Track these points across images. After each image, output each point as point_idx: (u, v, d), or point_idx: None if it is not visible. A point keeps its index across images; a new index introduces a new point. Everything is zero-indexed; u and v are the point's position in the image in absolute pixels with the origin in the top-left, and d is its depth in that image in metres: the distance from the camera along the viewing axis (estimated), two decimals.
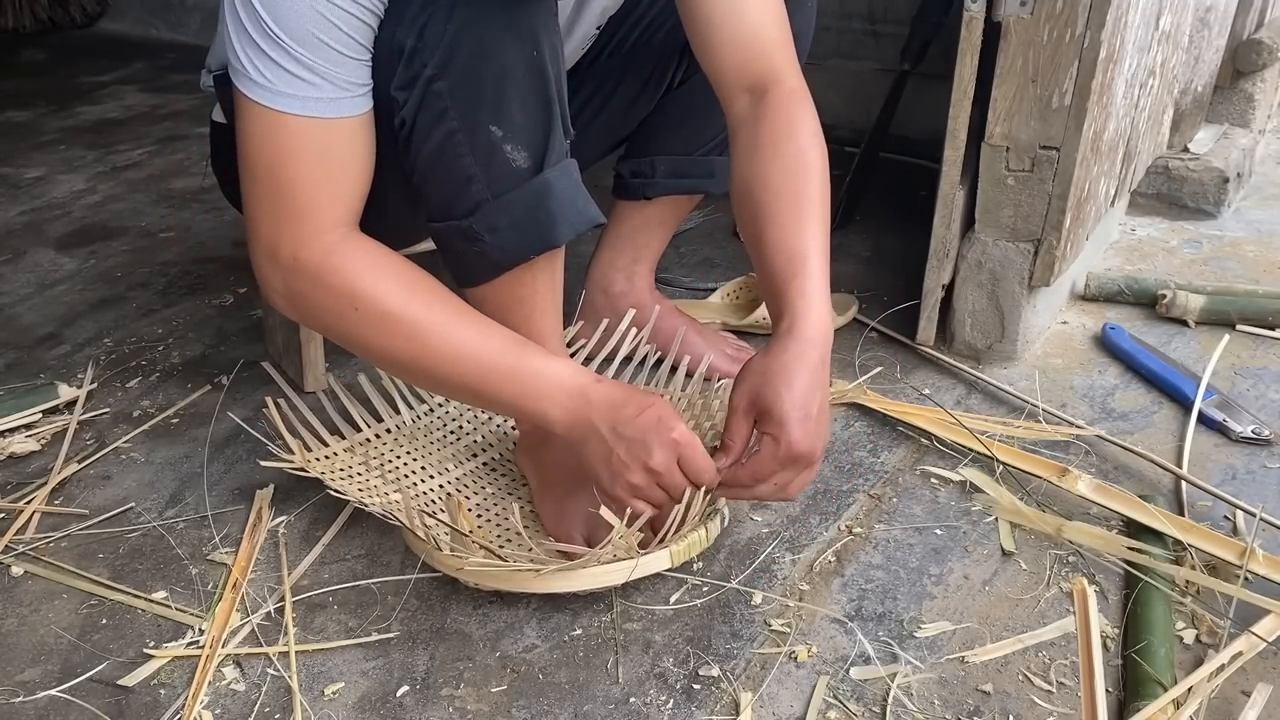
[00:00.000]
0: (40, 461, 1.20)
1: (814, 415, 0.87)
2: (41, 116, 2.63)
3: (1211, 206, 1.75)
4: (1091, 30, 1.14)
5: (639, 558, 0.91)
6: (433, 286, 0.89)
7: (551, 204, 0.91)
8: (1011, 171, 1.25)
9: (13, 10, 3.58)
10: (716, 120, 1.18)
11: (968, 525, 1.06)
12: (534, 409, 0.90)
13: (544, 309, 0.99)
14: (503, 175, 0.89)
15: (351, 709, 0.87)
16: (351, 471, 1.09)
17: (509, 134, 0.88)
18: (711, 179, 1.27)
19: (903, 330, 1.40)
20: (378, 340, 0.88)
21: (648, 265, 1.35)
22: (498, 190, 0.90)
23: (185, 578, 1.02)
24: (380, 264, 0.87)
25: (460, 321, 0.88)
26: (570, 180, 0.93)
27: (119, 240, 1.84)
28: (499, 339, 0.90)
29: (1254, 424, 1.18)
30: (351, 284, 0.86)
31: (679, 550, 0.93)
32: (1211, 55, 1.78)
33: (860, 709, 0.85)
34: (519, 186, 0.90)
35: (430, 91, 0.85)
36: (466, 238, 0.92)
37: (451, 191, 0.91)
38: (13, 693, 0.89)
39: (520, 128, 0.88)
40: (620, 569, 0.91)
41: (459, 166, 0.88)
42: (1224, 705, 0.84)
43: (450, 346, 0.88)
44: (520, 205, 0.90)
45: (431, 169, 0.90)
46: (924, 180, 1.54)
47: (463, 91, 0.85)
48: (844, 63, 2.18)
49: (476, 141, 0.87)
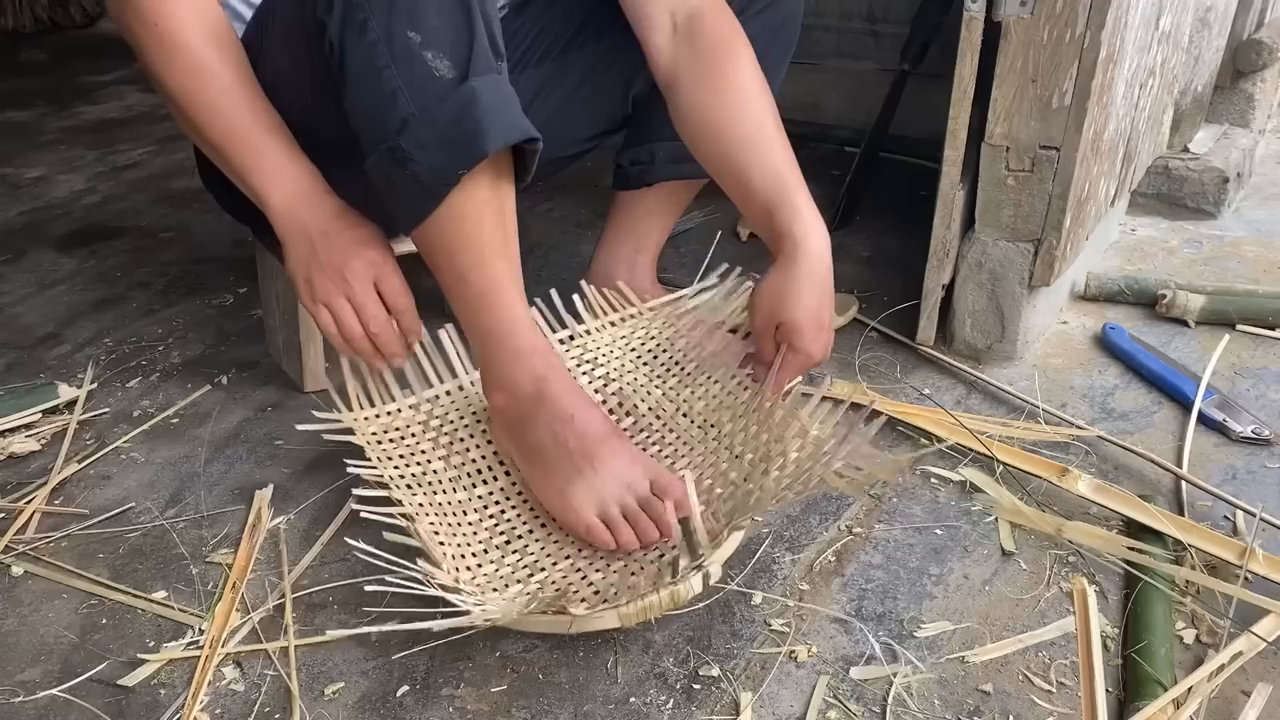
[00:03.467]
0: (40, 461, 1.20)
1: (826, 325, 1.00)
2: (41, 116, 2.63)
3: (1211, 206, 1.75)
4: (1091, 30, 1.14)
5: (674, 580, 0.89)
6: (237, 50, 0.98)
7: (477, 113, 0.87)
8: (1011, 171, 1.25)
9: (13, 10, 3.58)
10: None
11: (968, 525, 1.06)
12: (259, 187, 0.97)
13: (494, 249, 0.93)
14: (425, 86, 0.87)
15: (351, 709, 0.87)
16: (406, 433, 1.10)
17: (427, 40, 0.87)
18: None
19: (903, 330, 1.40)
20: (162, 68, 0.96)
21: (649, 255, 1.35)
22: (423, 103, 0.87)
23: (185, 578, 1.02)
24: (206, 11, 0.97)
25: (237, 82, 0.97)
26: (499, 92, 0.89)
27: (119, 240, 1.84)
28: (262, 113, 0.98)
29: (1254, 424, 1.18)
30: (169, 6, 0.95)
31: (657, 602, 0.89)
32: (1211, 55, 1.78)
33: (860, 709, 0.85)
34: (444, 99, 0.87)
35: (350, 4, 0.87)
36: (396, 161, 0.89)
37: (380, 113, 0.89)
38: (13, 693, 0.89)
39: (438, 33, 0.87)
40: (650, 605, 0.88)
41: (384, 80, 0.87)
42: (1224, 705, 0.84)
43: (215, 98, 0.96)
44: (445, 116, 0.87)
45: (359, 90, 0.89)
46: (924, 180, 1.53)
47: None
48: (844, 63, 2.18)
49: (396, 50, 0.87)
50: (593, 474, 0.95)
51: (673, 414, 1.10)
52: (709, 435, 1.06)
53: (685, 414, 1.10)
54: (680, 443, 1.07)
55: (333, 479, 1.15)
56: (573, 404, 0.97)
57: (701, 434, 1.07)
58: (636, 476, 0.96)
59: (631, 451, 0.99)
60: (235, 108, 0.97)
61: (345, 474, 1.15)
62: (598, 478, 0.95)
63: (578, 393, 0.98)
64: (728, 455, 1.03)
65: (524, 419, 0.98)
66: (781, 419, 1.01)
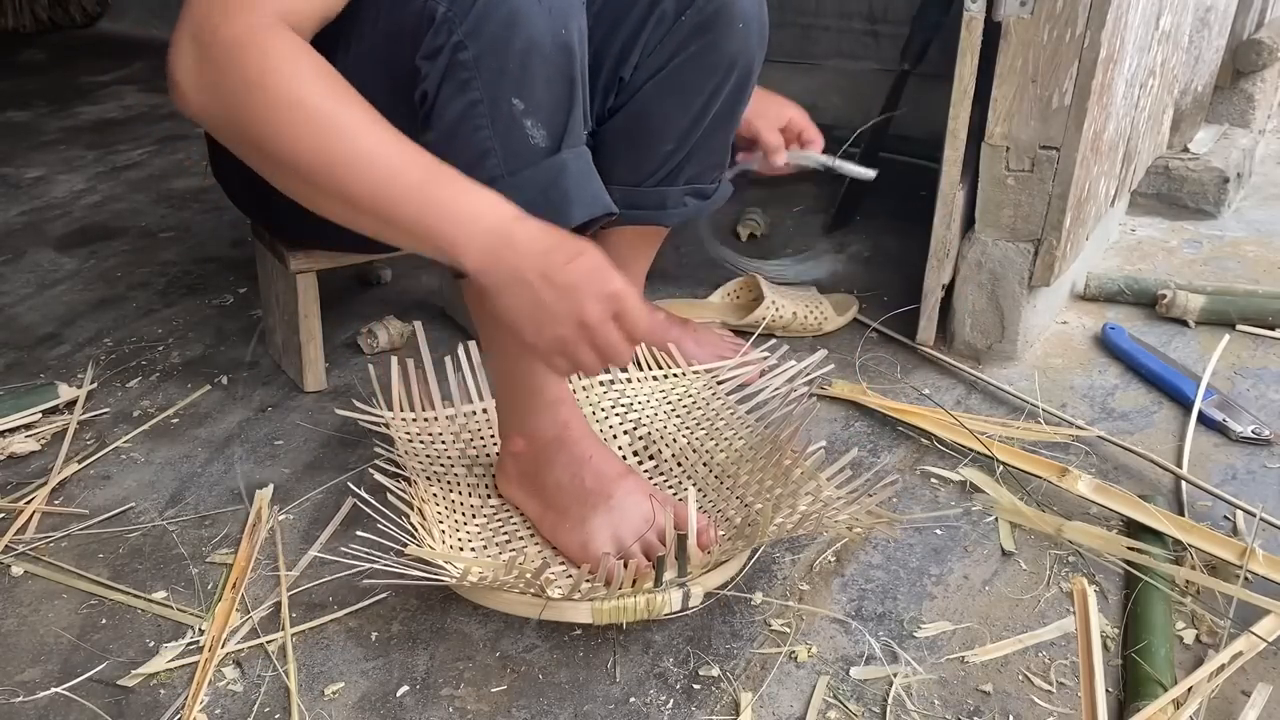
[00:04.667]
0: (40, 461, 1.20)
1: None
2: (41, 116, 2.63)
3: (1211, 206, 1.75)
4: (1091, 30, 1.14)
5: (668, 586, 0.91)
6: (353, 91, 0.81)
7: (566, 184, 0.89)
8: (1011, 171, 1.25)
9: (13, 10, 3.58)
10: (658, 149, 1.14)
11: (968, 525, 1.06)
12: (440, 235, 0.79)
13: None
14: (520, 151, 0.87)
15: (351, 709, 0.87)
16: (438, 439, 1.12)
17: (530, 109, 0.86)
18: (663, 211, 1.19)
19: (903, 330, 1.40)
20: (278, 131, 0.79)
21: (634, 282, 1.33)
22: (513, 167, 0.87)
23: (185, 578, 1.02)
24: (304, 54, 0.80)
25: (374, 127, 0.80)
26: (585, 164, 0.92)
27: (119, 240, 1.84)
28: (413, 151, 0.80)
29: (1254, 424, 1.18)
30: (265, 62, 0.78)
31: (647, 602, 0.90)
32: (1211, 55, 1.78)
33: (860, 709, 0.85)
34: (535, 164, 0.88)
35: (455, 60, 0.84)
36: None
37: (467, 167, 0.86)
38: (13, 693, 0.89)
39: (542, 104, 0.87)
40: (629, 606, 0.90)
41: (477, 139, 0.87)
42: (1224, 705, 0.84)
43: (355, 147, 0.79)
44: (534, 184, 0.88)
45: (449, 142, 0.88)
46: (924, 180, 1.53)
47: (488, 60, 0.84)
48: (844, 63, 2.18)
49: (498, 114, 0.86)
50: (608, 511, 0.97)
51: (694, 463, 1.12)
52: (724, 485, 1.08)
53: (706, 464, 1.12)
54: (696, 489, 1.08)
55: (332, 479, 1.15)
56: (589, 447, 1.00)
57: (718, 483, 1.08)
58: (653, 513, 0.97)
59: (647, 488, 1.00)
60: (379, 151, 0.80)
61: (345, 474, 1.15)
62: (614, 515, 0.97)
63: (593, 437, 1.02)
64: (737, 504, 1.04)
65: (541, 463, 1.00)
66: (799, 476, 1.02)
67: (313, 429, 1.24)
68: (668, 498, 1.02)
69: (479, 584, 0.91)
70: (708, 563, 0.94)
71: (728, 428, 1.16)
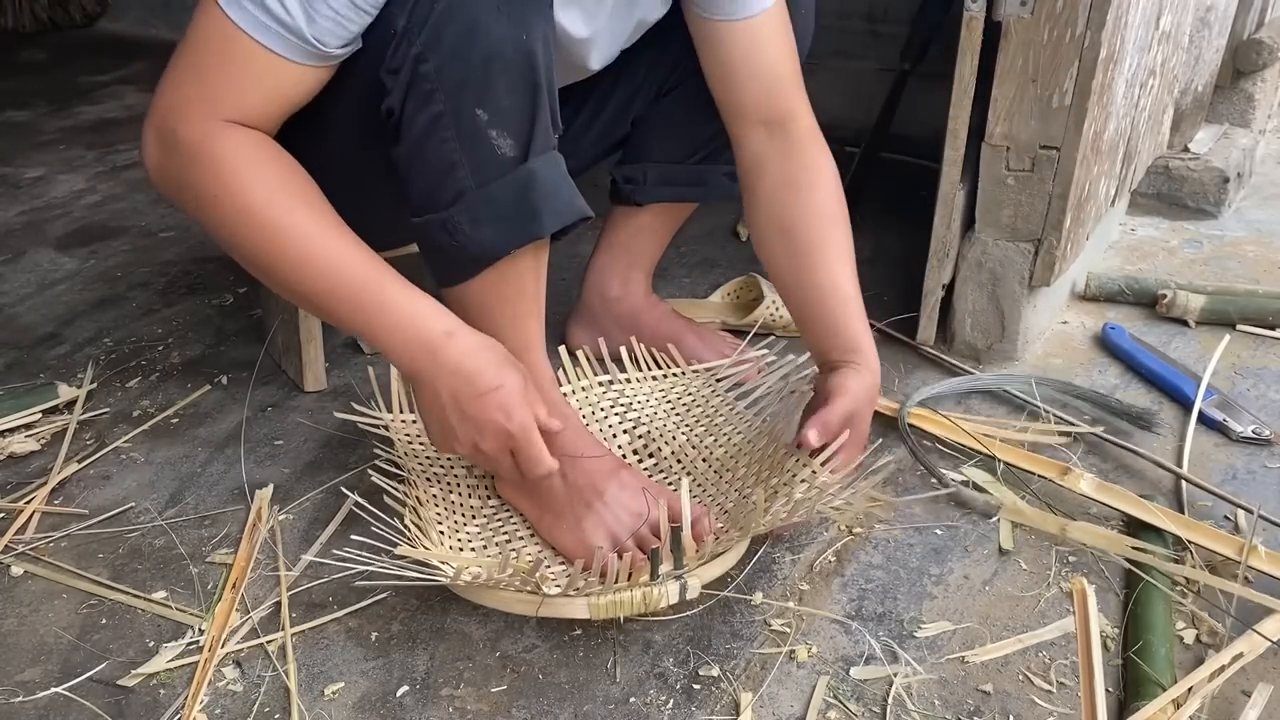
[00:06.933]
0: (40, 461, 1.20)
1: (866, 434, 1.04)
2: (41, 116, 2.63)
3: (1212, 206, 1.75)
4: (1092, 30, 1.14)
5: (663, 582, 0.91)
6: (306, 189, 0.87)
7: (535, 194, 0.89)
8: (1012, 171, 1.25)
9: (13, 10, 3.58)
10: (705, 129, 1.18)
11: (968, 525, 1.06)
12: (374, 338, 0.88)
13: (529, 311, 0.97)
14: (487, 162, 0.87)
15: (351, 709, 0.87)
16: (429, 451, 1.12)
17: (495, 119, 0.86)
18: (701, 188, 1.26)
19: (903, 330, 1.40)
20: (235, 235, 0.85)
21: (644, 271, 1.35)
22: (481, 179, 0.88)
23: (185, 578, 1.02)
24: (257, 157, 0.85)
25: (321, 231, 0.86)
26: (556, 171, 0.91)
27: (119, 240, 1.84)
28: (357, 257, 0.86)
29: (1254, 424, 1.18)
30: (219, 171, 0.83)
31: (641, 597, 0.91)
32: (1212, 55, 1.78)
33: (860, 709, 0.85)
34: (503, 175, 0.88)
35: (417, 73, 0.84)
36: (446, 230, 0.90)
37: (435, 180, 0.89)
38: (13, 693, 0.89)
39: (507, 113, 0.86)
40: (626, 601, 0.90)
41: (443, 151, 0.87)
42: (1224, 705, 0.84)
43: (303, 254, 0.85)
44: (504, 195, 0.88)
45: (416, 155, 0.88)
46: (924, 180, 1.53)
47: (449, 72, 0.84)
48: (844, 63, 2.17)
49: (462, 126, 0.86)
50: (603, 508, 0.97)
51: (693, 459, 1.12)
52: (722, 479, 1.08)
53: (705, 459, 1.12)
54: (694, 484, 1.08)
55: (332, 479, 1.15)
56: (581, 446, 1.00)
57: (716, 477, 1.09)
58: (648, 506, 0.97)
59: (640, 482, 1.00)
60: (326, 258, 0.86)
61: (345, 473, 1.15)
62: (609, 511, 0.97)
63: (585, 435, 1.02)
64: (735, 496, 1.04)
65: None
66: (794, 464, 1.02)
67: (313, 429, 1.24)
68: (663, 489, 1.02)
69: (473, 583, 0.91)
70: (704, 554, 0.93)
71: (726, 424, 1.16)
